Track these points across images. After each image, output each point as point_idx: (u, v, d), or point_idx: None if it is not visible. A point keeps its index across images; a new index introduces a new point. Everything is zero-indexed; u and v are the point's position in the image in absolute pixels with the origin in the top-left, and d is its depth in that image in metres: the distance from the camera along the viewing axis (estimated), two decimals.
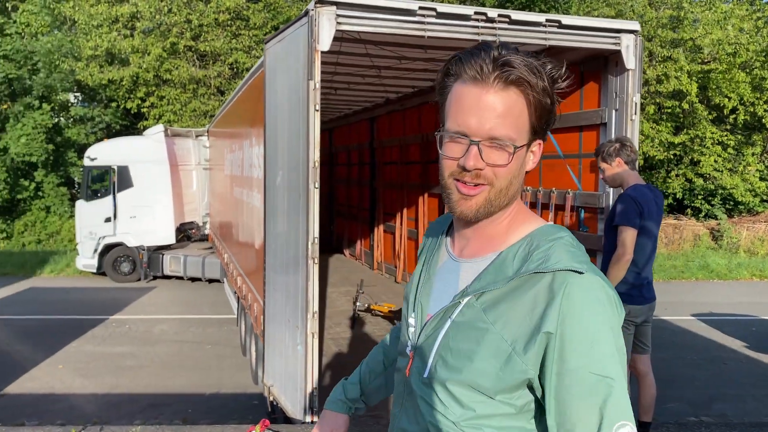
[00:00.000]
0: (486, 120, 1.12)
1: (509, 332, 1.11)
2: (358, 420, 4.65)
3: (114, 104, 18.48)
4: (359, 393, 1.65)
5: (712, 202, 17.71)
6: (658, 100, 16.44)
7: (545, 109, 1.16)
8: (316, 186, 4.09)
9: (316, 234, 4.15)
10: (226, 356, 7.80)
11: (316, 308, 4.22)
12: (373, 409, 4.92)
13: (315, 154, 4.08)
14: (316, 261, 4.16)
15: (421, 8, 4.08)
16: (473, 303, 1.17)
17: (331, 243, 13.97)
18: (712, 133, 16.66)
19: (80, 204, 13.25)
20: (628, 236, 3.96)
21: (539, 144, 1.22)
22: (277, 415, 5.20)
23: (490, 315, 1.14)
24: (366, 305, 7.38)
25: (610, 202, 4.98)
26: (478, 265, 1.23)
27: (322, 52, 4.00)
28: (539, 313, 1.09)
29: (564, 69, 1.17)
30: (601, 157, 4.28)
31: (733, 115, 16.43)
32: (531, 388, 1.14)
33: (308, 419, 4.36)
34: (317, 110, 4.02)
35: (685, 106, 16.25)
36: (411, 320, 1.33)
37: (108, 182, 13.12)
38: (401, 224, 9.93)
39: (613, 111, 4.90)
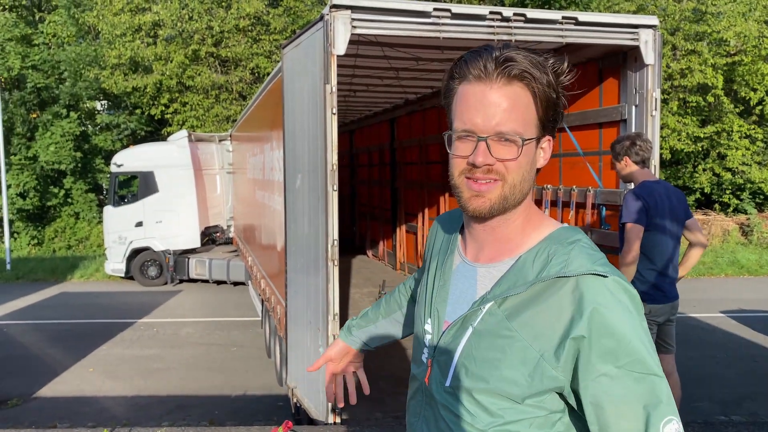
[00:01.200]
0: (492, 115, 1.13)
1: (536, 339, 1.10)
2: (380, 421, 4.67)
3: (138, 111, 18.81)
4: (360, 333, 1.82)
5: (741, 197, 17.35)
6: (682, 95, 16.18)
7: (551, 102, 1.16)
8: (335, 188, 4.12)
9: (336, 236, 4.18)
10: (251, 358, 7.88)
11: (337, 310, 4.25)
12: (394, 410, 4.94)
13: (333, 157, 4.11)
14: (336, 263, 4.19)
15: (435, 9, 4.09)
16: (495, 310, 1.15)
17: (353, 244, 14.01)
18: (740, 126, 16.34)
19: (108, 209, 13.50)
20: (631, 232, 3.87)
21: (549, 140, 1.21)
22: (300, 416, 5.25)
23: (514, 322, 1.12)
24: None
25: None
26: (496, 270, 1.21)
27: (339, 56, 4.03)
28: (567, 319, 1.08)
29: (566, 64, 1.17)
30: (612, 156, 4.22)
31: (760, 107, 16.09)
32: (562, 396, 1.13)
33: (331, 420, 4.40)
34: (334, 113, 4.05)
35: (711, 99, 15.97)
36: (427, 326, 1.30)
37: (134, 188, 13.35)
38: (423, 224, 9.93)
39: (633, 107, 4.85)
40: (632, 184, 4.27)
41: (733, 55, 16.12)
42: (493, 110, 1.13)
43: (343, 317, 7.33)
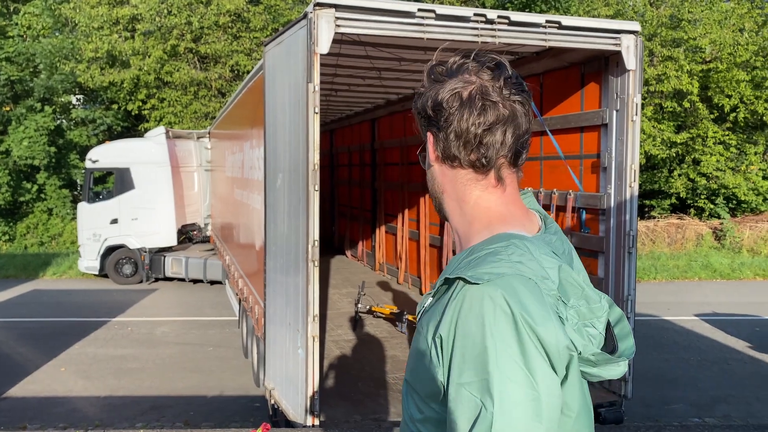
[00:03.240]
0: None
1: (429, 336, 1.10)
2: (359, 423, 4.64)
3: (115, 106, 18.52)
4: None
5: (715, 202, 17.67)
6: (657, 100, 16.43)
7: (422, 112, 1.22)
8: (316, 188, 4.08)
9: (317, 236, 4.14)
10: (227, 358, 7.79)
11: (317, 311, 4.22)
12: (374, 411, 4.92)
13: (315, 157, 4.07)
14: (317, 263, 4.15)
15: (420, 10, 4.07)
16: (427, 305, 1.20)
17: (332, 244, 13.96)
18: (714, 132, 16.64)
19: (82, 206, 13.26)
20: None
21: (428, 136, 1.23)
22: (278, 418, 5.20)
23: (423, 318, 1.16)
24: (367, 307, 7.36)
25: (612, 204, 4.97)
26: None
27: (322, 55, 3.99)
28: (438, 320, 1.08)
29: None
30: None
31: (734, 114, 16.40)
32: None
33: (309, 422, 4.35)
34: (317, 113, 4.01)
35: (686, 105, 16.23)
36: None
37: (110, 184, 13.14)
38: (403, 225, 9.92)
39: (614, 112, 4.88)
40: None
41: (709, 62, 16.40)
42: None
43: (322, 318, 7.29)
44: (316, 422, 4.44)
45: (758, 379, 6.91)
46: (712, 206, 17.69)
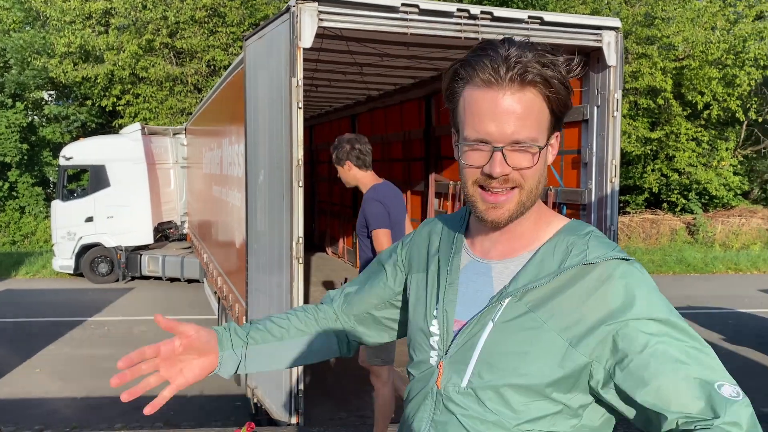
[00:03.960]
0: (506, 124, 1.08)
1: (565, 327, 1.09)
2: (344, 420, 4.63)
3: (89, 102, 18.18)
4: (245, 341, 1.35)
5: (688, 197, 17.99)
6: (632, 97, 16.65)
7: (562, 102, 1.13)
8: (300, 185, 4.04)
9: (301, 233, 4.10)
10: None
11: None
12: (358, 409, 4.90)
13: (298, 152, 4.03)
14: (301, 261, 4.12)
15: (403, 5, 4.05)
16: (516, 304, 1.13)
17: (313, 241, 13.90)
18: (687, 128, 16.93)
19: (56, 204, 13.01)
20: (385, 237, 3.78)
21: (557, 136, 1.19)
22: (260, 417, 5.15)
23: (540, 312, 1.11)
24: None
25: (593, 199, 5.01)
26: (513, 265, 1.19)
27: (305, 49, 3.95)
28: (598, 304, 1.08)
29: (577, 59, 1.15)
30: (334, 161, 4.00)
31: (707, 111, 16.71)
32: (593, 392, 1.11)
33: (293, 421, 4.32)
34: (300, 107, 3.98)
35: (660, 102, 16.48)
36: (433, 329, 1.25)
37: (84, 181, 12.92)
38: None
39: (595, 107, 4.92)
40: (360, 190, 4.08)
41: (682, 59, 16.67)
42: (507, 118, 1.08)
43: None
44: (300, 420, 4.41)
45: (733, 371, 6.96)
46: (685, 201, 18.01)
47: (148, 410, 1.23)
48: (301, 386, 4.30)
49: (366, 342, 1.52)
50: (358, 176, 3.93)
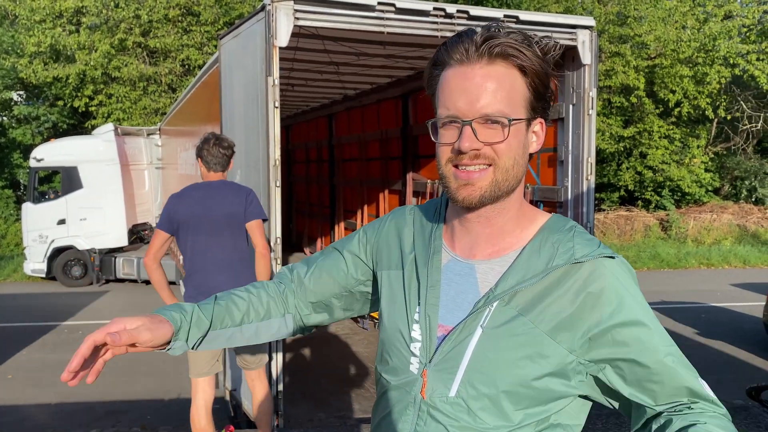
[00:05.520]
0: (475, 98, 1.06)
1: (556, 330, 1.07)
2: (324, 421, 4.61)
3: (60, 103, 17.83)
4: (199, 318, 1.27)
5: (662, 194, 18.29)
6: (606, 95, 16.88)
7: (540, 80, 1.09)
8: (278, 184, 4.02)
9: (279, 234, 4.08)
10: (184, 360, 7.58)
11: None
12: (338, 410, 4.89)
13: (275, 152, 4.01)
14: (279, 261, 4.09)
15: (380, 3, 4.05)
16: (505, 307, 1.10)
17: (290, 241, 13.83)
18: (659, 126, 17.21)
19: (27, 206, 12.73)
20: (157, 239, 3.89)
21: (541, 123, 1.14)
22: (239, 419, 5.11)
23: (530, 315, 1.08)
24: None
25: (569, 197, 5.06)
26: (498, 265, 1.14)
27: (281, 48, 3.93)
28: (588, 306, 1.07)
29: (554, 42, 1.13)
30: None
31: (678, 109, 17.00)
32: (584, 391, 1.13)
33: (274, 423, 4.29)
34: (277, 107, 3.95)
35: (633, 100, 16.72)
36: (414, 334, 1.18)
37: (56, 183, 12.67)
38: (362, 221, 9.90)
39: (571, 106, 4.97)
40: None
41: (654, 58, 16.93)
42: (476, 92, 1.06)
43: None
44: (280, 422, 4.38)
45: (706, 363, 7.18)
46: (658, 198, 18.31)
47: (91, 379, 1.17)
48: (281, 387, 4.28)
49: (316, 326, 1.46)
50: (202, 174, 3.87)
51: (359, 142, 9.75)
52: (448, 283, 1.19)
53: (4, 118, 18.16)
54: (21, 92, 18.76)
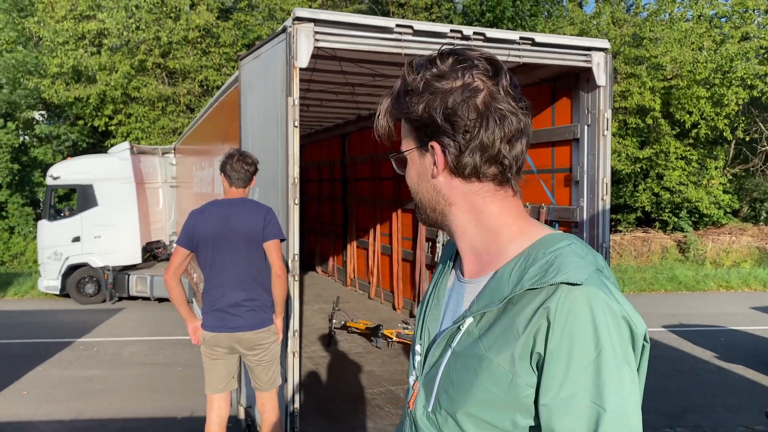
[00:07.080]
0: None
1: (505, 357, 1.03)
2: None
3: (81, 122, 18.15)
4: None
5: (679, 215, 18.13)
6: (621, 116, 16.85)
7: (402, 113, 1.20)
8: (296, 202, 4.05)
9: (297, 251, 4.10)
10: (198, 378, 7.58)
11: (297, 326, 4.16)
12: (352, 428, 4.85)
13: (294, 171, 4.04)
14: (297, 278, 4.11)
15: (398, 26, 4.10)
16: (472, 329, 1.09)
17: (303, 259, 13.85)
18: (676, 147, 17.12)
19: (42, 224, 12.89)
20: (176, 253, 3.87)
21: (432, 146, 1.13)
22: None
23: (485, 341, 1.06)
24: (342, 322, 7.31)
25: (585, 217, 5.04)
26: (478, 285, 1.15)
27: (300, 69, 3.98)
28: (533, 333, 1.01)
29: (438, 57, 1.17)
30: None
31: (695, 130, 16.92)
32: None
33: None
34: (296, 126, 3.99)
35: (649, 121, 16.68)
36: (417, 347, 1.25)
37: (73, 201, 12.83)
38: (374, 240, 9.91)
39: (586, 126, 4.98)
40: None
41: (670, 79, 16.91)
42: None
43: (300, 335, 7.20)
44: None
45: (725, 388, 7.05)
46: (675, 219, 18.14)
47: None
48: (297, 405, 4.26)
49: None
50: (225, 190, 4.00)
51: (372, 161, 9.80)
52: (449, 302, 1.24)
53: (27, 137, 18.49)
54: (43, 112, 19.13)
